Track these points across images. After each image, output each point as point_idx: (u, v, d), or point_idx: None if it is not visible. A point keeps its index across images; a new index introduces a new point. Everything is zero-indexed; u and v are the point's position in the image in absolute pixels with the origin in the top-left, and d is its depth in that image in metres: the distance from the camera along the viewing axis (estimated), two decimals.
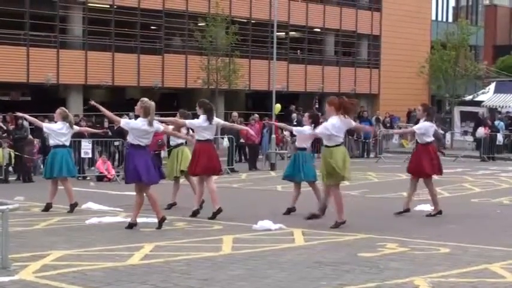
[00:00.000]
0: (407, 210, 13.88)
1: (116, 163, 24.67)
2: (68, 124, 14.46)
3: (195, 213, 13.49)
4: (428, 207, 14.31)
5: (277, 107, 30.29)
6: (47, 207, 14.51)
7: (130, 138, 12.28)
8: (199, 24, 37.72)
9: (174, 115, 14.68)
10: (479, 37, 55.22)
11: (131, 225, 12.16)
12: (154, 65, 38.34)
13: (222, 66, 36.70)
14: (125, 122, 12.37)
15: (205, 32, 36.45)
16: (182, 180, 15.19)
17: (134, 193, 12.39)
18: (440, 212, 13.75)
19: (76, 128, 15.26)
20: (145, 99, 12.24)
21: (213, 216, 13.10)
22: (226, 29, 36.57)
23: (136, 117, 12.39)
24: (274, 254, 9.76)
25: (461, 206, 15.60)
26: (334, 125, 12.14)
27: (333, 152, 12.19)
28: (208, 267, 8.82)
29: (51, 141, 14.78)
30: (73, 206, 14.36)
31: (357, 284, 7.93)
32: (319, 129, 12.51)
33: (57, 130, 14.46)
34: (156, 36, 39.26)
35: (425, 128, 13.86)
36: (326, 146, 12.40)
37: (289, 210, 13.95)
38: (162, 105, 40.00)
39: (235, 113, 30.33)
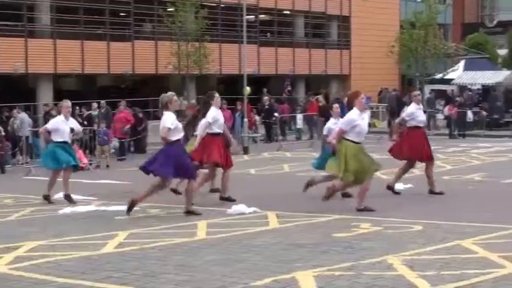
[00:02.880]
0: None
1: (88, 151, 24.49)
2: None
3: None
4: (401, 186, 14.50)
5: (247, 90, 30.26)
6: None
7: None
8: (169, 9, 37.47)
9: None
10: (448, 15, 55.48)
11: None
12: (124, 51, 38.05)
13: (192, 51, 36.51)
14: None
15: (174, 17, 36.24)
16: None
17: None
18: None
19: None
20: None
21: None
22: (196, 14, 36.39)
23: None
24: (249, 238, 9.79)
25: None
26: None
27: None
28: (184, 253, 8.83)
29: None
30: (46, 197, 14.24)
31: (331, 264, 7.98)
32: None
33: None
34: (125, 23, 38.98)
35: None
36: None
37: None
38: (133, 92, 39.95)
39: None
